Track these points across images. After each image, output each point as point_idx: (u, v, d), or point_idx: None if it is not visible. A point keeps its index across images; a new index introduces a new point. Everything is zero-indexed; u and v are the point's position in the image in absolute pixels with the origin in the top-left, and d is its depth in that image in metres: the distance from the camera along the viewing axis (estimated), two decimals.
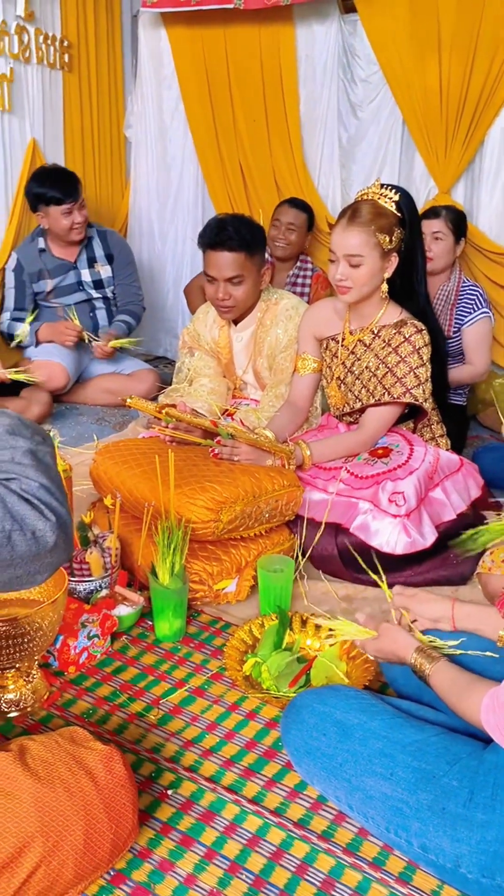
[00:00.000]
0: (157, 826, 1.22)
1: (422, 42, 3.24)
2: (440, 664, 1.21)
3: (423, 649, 1.25)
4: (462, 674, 1.17)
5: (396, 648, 1.29)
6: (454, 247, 2.85)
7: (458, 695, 1.14)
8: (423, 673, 1.23)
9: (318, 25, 3.54)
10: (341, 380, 2.21)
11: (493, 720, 1.05)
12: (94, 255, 3.36)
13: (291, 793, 1.31)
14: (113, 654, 1.66)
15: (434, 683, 1.21)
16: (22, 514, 0.91)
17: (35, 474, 0.96)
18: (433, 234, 2.79)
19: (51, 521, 0.93)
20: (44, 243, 3.28)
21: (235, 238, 2.24)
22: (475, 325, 2.84)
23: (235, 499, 1.83)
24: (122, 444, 2.15)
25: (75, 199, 3.12)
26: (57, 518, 0.94)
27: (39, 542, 0.93)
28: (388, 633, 1.32)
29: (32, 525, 0.92)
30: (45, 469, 0.98)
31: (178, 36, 3.82)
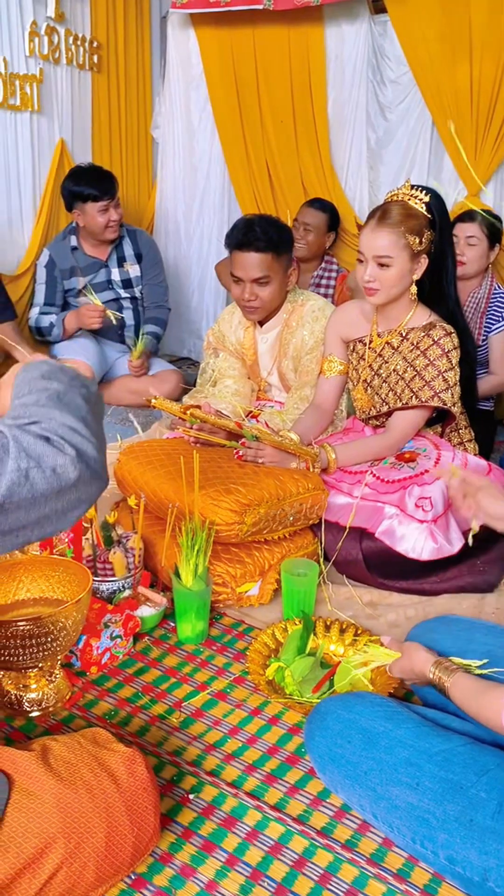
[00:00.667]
0: (178, 830, 1.21)
1: (453, 43, 3.21)
2: (458, 675, 1.20)
3: (440, 663, 1.24)
4: (480, 682, 1.16)
5: (414, 665, 1.28)
6: (488, 252, 2.80)
7: (478, 702, 1.12)
8: (442, 686, 1.22)
9: (348, 26, 3.52)
10: (368, 382, 2.18)
11: None
12: (124, 255, 3.37)
13: (314, 800, 1.29)
14: (135, 656, 1.66)
15: (454, 695, 1.20)
16: (39, 452, 0.89)
17: (59, 415, 0.94)
18: (467, 239, 2.75)
19: (69, 455, 0.91)
20: (76, 241, 3.29)
21: (263, 239, 2.23)
22: (501, 333, 2.80)
23: (260, 501, 1.81)
24: (146, 444, 2.15)
25: (112, 196, 3.14)
26: (77, 452, 0.92)
27: (61, 478, 0.90)
28: (407, 652, 1.32)
29: (52, 461, 0.90)
30: (74, 409, 0.96)
31: (206, 37, 3.82)
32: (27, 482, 0.88)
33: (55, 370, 1.02)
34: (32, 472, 0.89)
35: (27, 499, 0.89)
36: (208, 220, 4.12)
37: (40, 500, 0.90)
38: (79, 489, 0.93)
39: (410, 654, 1.31)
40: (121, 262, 3.37)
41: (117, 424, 3.13)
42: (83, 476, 0.92)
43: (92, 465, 0.94)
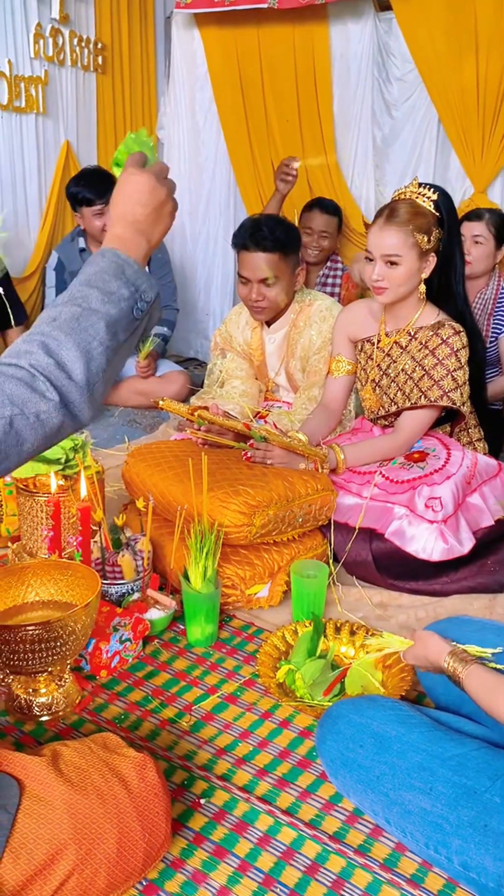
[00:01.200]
0: (189, 836, 1.20)
1: (459, 40, 3.19)
2: (473, 667, 1.18)
3: (455, 653, 1.22)
4: (496, 676, 1.14)
5: (429, 654, 1.26)
6: (495, 252, 2.77)
7: (492, 697, 1.11)
8: (456, 677, 1.19)
9: (353, 24, 3.51)
10: (376, 382, 2.17)
11: None
12: None
13: (327, 804, 1.28)
14: (145, 659, 1.65)
15: (468, 687, 1.17)
16: (23, 399, 0.87)
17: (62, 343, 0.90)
18: (473, 238, 2.73)
19: (53, 400, 0.88)
20: (84, 243, 3.30)
21: (270, 239, 2.22)
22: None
23: (268, 503, 1.81)
24: (153, 446, 2.14)
25: (106, 201, 3.13)
26: (60, 398, 0.89)
27: (45, 425, 0.89)
28: (421, 640, 1.29)
29: (35, 407, 0.88)
30: (85, 336, 0.92)
31: (211, 36, 3.81)
32: (12, 430, 0.87)
33: (104, 272, 0.97)
34: (17, 419, 0.87)
35: (14, 447, 0.88)
36: (214, 220, 4.12)
37: (27, 447, 0.89)
38: (62, 433, 0.92)
39: (426, 642, 1.28)
40: None
41: (124, 426, 3.13)
42: (66, 423, 0.91)
43: (74, 411, 0.92)
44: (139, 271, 1.00)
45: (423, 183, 1.98)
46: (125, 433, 2.99)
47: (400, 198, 1.98)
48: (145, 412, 3.29)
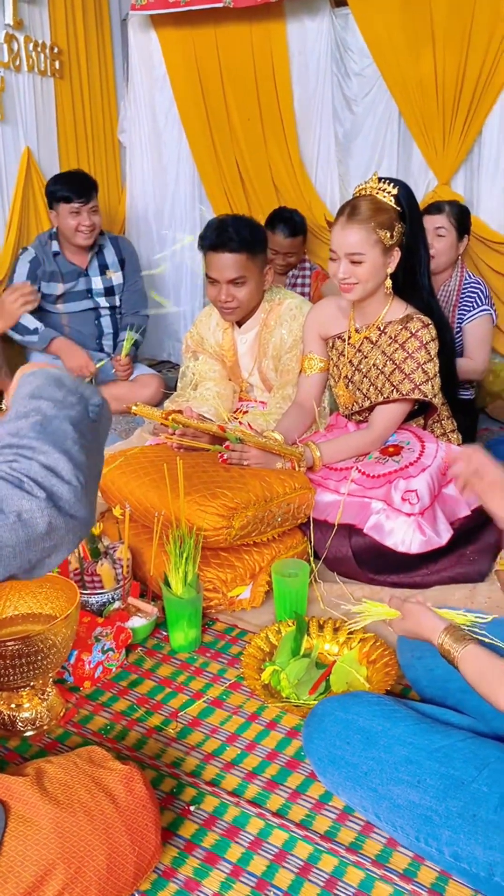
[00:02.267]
0: (180, 844, 1.20)
1: (415, 34, 3.20)
2: (469, 648, 1.15)
3: (450, 630, 1.19)
4: (493, 659, 1.12)
5: (421, 630, 1.24)
6: (457, 244, 2.78)
7: (491, 683, 1.10)
8: (450, 657, 1.18)
9: (310, 21, 3.51)
10: (349, 378, 2.18)
11: None
12: (106, 262, 3.34)
13: (317, 804, 1.28)
14: (128, 667, 1.64)
15: (463, 668, 1.16)
16: (2, 496, 0.80)
17: (38, 448, 0.85)
18: (435, 231, 2.74)
19: (38, 497, 0.81)
20: (57, 247, 3.26)
21: (236, 239, 2.21)
22: (475, 321, 2.79)
23: (247, 504, 1.80)
24: (129, 452, 2.13)
25: (85, 200, 3.10)
26: (48, 495, 0.82)
27: (28, 526, 0.81)
28: (412, 615, 1.27)
29: (16, 506, 0.80)
30: (58, 438, 0.87)
31: (168, 37, 3.79)
32: None
33: (46, 385, 0.94)
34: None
35: None
36: (180, 221, 4.10)
37: (5, 552, 0.81)
38: (53, 536, 0.84)
39: (418, 617, 1.25)
40: (103, 270, 3.34)
41: None
42: (55, 523, 0.83)
43: (66, 510, 0.84)
44: (77, 380, 0.98)
45: (382, 178, 1.98)
46: None
47: (360, 194, 1.98)
48: (119, 417, 3.26)
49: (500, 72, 3.10)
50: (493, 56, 3.08)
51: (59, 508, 0.84)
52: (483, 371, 2.85)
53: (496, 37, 3.05)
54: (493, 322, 2.82)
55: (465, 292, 2.81)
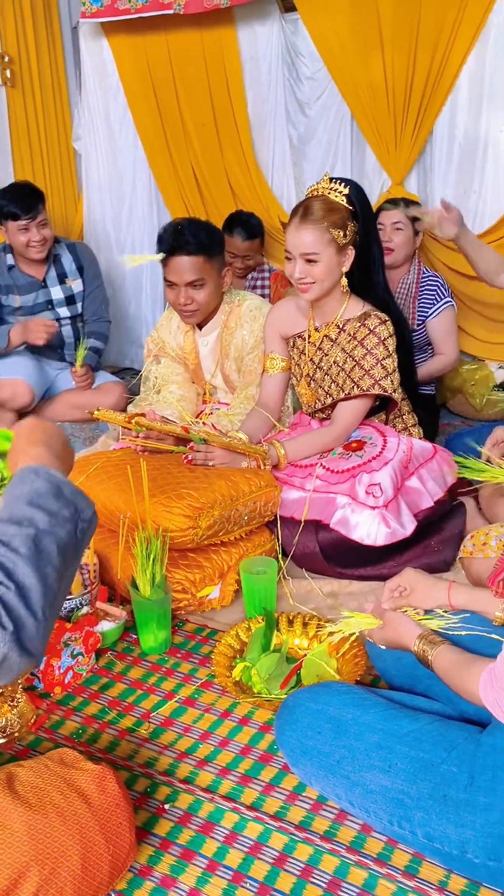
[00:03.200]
0: (155, 842, 1.20)
1: (364, 37, 3.25)
2: (442, 648, 1.21)
3: (424, 636, 1.25)
4: (462, 655, 1.17)
5: (399, 637, 1.29)
6: (413, 238, 2.86)
7: (459, 675, 1.14)
8: (426, 659, 1.22)
9: (260, 26, 3.54)
10: (310, 377, 2.20)
11: (490, 695, 1.05)
12: (65, 271, 3.31)
13: (290, 795, 1.29)
14: (99, 672, 1.63)
15: (437, 667, 1.21)
16: None
17: (20, 568, 0.84)
18: (393, 225, 2.79)
19: (7, 629, 0.81)
20: (12, 260, 3.23)
21: (193, 242, 2.22)
22: (440, 315, 2.85)
23: (213, 503, 1.81)
24: (92, 457, 2.12)
25: (33, 216, 3.07)
26: (15, 628, 0.82)
27: None
28: (391, 623, 1.32)
29: None
30: (43, 561, 0.87)
31: (120, 45, 3.79)
32: None
33: (46, 493, 0.92)
34: None
35: None
36: (138, 227, 4.10)
37: None
38: (4, 668, 0.83)
39: (396, 625, 1.31)
40: (62, 279, 3.31)
41: None
42: (11, 656, 0.82)
43: (25, 644, 0.84)
44: (75, 490, 0.96)
45: (334, 178, 2.01)
46: None
47: (313, 195, 2.01)
48: (83, 425, 3.24)
49: (447, 73, 3.17)
50: (440, 58, 3.14)
51: (20, 642, 0.83)
52: (455, 361, 2.90)
53: (442, 39, 3.11)
54: (455, 311, 2.90)
55: (424, 286, 2.87)
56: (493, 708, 1.05)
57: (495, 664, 1.06)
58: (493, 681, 1.05)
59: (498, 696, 1.03)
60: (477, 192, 3.30)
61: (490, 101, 3.15)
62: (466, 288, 3.36)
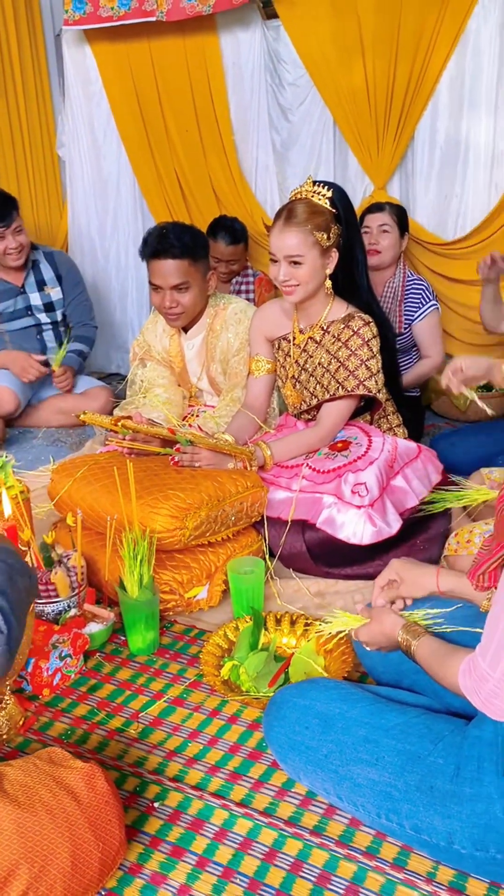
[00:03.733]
0: (145, 840, 1.20)
1: (345, 43, 3.28)
2: (424, 639, 1.22)
3: (407, 627, 1.26)
4: (444, 645, 1.18)
5: (384, 629, 1.30)
6: (399, 240, 2.89)
7: (440, 663, 1.14)
8: (409, 650, 1.23)
9: (242, 33, 3.57)
10: (296, 378, 2.21)
11: (469, 683, 1.06)
12: (43, 278, 3.31)
13: (279, 791, 1.29)
14: (87, 673, 1.63)
15: (419, 656, 1.21)
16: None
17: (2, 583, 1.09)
18: (380, 227, 2.83)
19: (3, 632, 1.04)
20: None
21: (178, 245, 2.23)
22: (425, 318, 2.89)
23: (200, 504, 1.81)
24: (79, 460, 2.12)
25: (6, 224, 3.07)
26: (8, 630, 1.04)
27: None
28: (376, 617, 1.33)
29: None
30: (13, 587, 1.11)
31: (103, 52, 3.81)
32: None
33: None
34: None
35: None
36: (123, 233, 4.11)
37: None
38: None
39: (381, 618, 1.31)
40: (40, 287, 3.32)
41: (49, 446, 3.08)
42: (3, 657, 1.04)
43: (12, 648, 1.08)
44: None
45: (317, 181, 2.03)
46: (50, 453, 2.94)
47: (296, 198, 2.03)
48: (69, 430, 3.24)
49: (428, 79, 3.20)
50: (420, 64, 3.18)
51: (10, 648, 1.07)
52: (442, 363, 2.93)
53: (422, 46, 3.15)
54: (440, 314, 2.96)
55: (410, 289, 2.90)
56: (471, 695, 1.06)
57: (475, 653, 1.07)
58: (471, 669, 1.06)
59: (476, 685, 1.04)
60: (458, 196, 3.34)
61: (470, 106, 3.19)
62: (450, 291, 3.40)
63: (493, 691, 1.02)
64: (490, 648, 1.02)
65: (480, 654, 1.05)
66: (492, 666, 1.02)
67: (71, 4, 3.63)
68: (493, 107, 3.15)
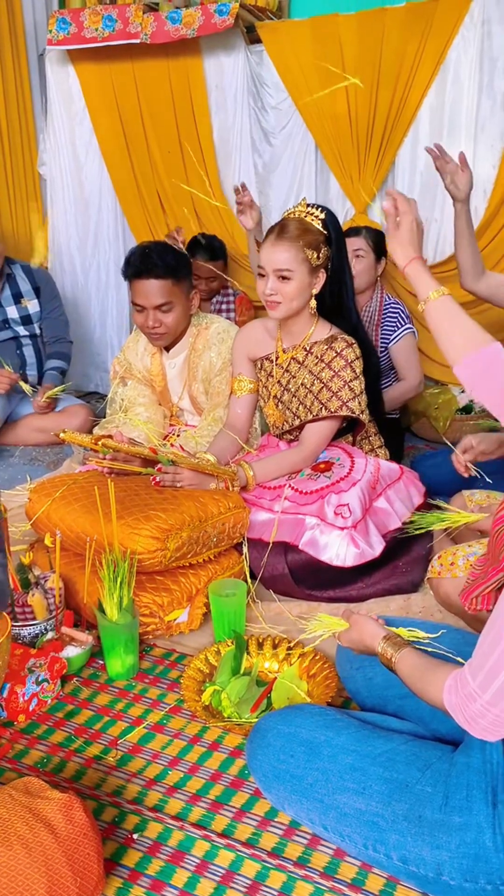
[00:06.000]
0: (124, 874, 1.16)
1: (327, 70, 3.32)
2: (405, 651, 1.19)
3: (389, 637, 1.23)
4: (426, 659, 1.15)
5: (364, 637, 1.27)
6: (375, 265, 2.90)
7: (422, 678, 1.12)
8: (389, 661, 1.20)
9: (226, 57, 3.60)
10: (278, 398, 2.20)
11: (454, 700, 1.03)
12: (20, 290, 3.30)
13: (262, 821, 1.26)
14: (64, 698, 1.59)
15: (400, 670, 1.18)
16: None
17: None
18: (354, 252, 2.84)
19: None
20: None
21: (161, 265, 2.22)
22: (401, 341, 2.91)
23: (181, 525, 1.79)
24: (58, 479, 2.09)
25: None
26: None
27: None
28: (356, 624, 1.30)
29: None
30: None
31: (86, 72, 3.82)
32: None
33: None
34: None
35: None
36: (104, 252, 4.10)
37: None
38: None
39: (360, 626, 1.28)
40: (17, 299, 3.30)
41: (26, 465, 3.04)
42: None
43: None
44: None
45: (310, 203, 2.06)
46: (27, 472, 2.90)
47: (289, 216, 2.04)
48: (47, 449, 3.20)
49: (409, 106, 3.25)
50: (401, 91, 3.23)
51: None
52: (419, 385, 2.94)
53: (403, 73, 3.20)
54: (416, 338, 2.97)
55: (387, 313, 2.92)
56: (455, 712, 1.03)
57: (461, 670, 1.05)
58: (458, 687, 1.04)
59: (462, 702, 1.02)
60: (438, 220, 3.38)
61: (450, 133, 3.24)
62: None
63: (479, 711, 1.00)
64: (483, 669, 1.00)
65: (470, 672, 1.02)
66: (482, 687, 1.00)
67: (55, 24, 3.64)
68: (472, 134, 3.21)
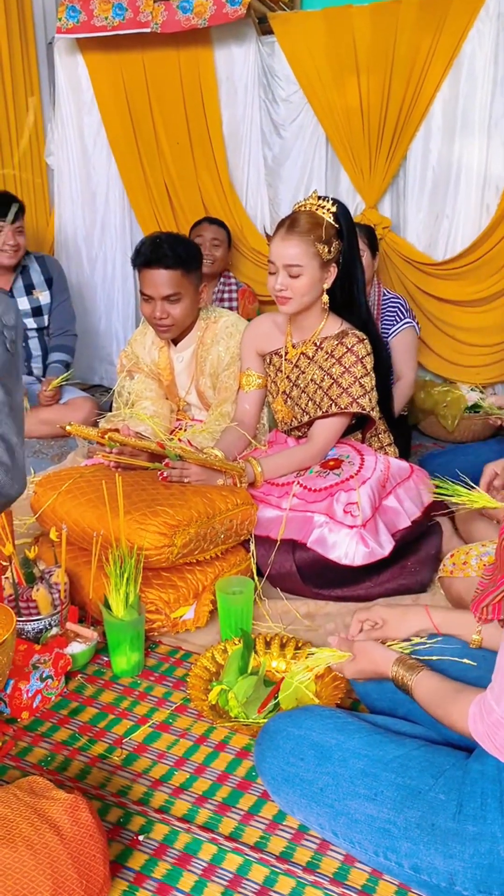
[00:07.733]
0: (130, 876, 1.14)
1: (339, 61, 3.29)
2: (422, 675, 1.17)
3: (402, 661, 1.21)
4: (445, 682, 1.13)
5: (376, 666, 1.25)
6: (371, 262, 2.88)
7: (442, 705, 1.10)
8: (405, 686, 1.19)
9: (237, 47, 3.56)
10: (287, 394, 2.18)
11: (481, 728, 1.01)
12: (32, 282, 3.29)
13: (270, 825, 1.24)
14: (69, 695, 1.57)
15: (417, 695, 1.17)
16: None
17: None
18: None
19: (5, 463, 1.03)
20: None
21: (171, 255, 2.19)
22: (400, 334, 2.89)
23: (189, 521, 1.76)
24: (64, 472, 2.06)
25: (5, 217, 3.06)
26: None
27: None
28: (363, 653, 1.28)
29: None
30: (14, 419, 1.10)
31: (95, 61, 3.78)
32: None
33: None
34: None
35: None
36: (110, 243, 4.06)
37: None
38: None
39: (368, 654, 1.26)
40: (29, 290, 3.28)
41: (30, 457, 3.01)
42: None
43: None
44: None
45: (322, 196, 2.02)
46: (31, 465, 2.87)
47: (300, 209, 2.00)
48: (51, 442, 3.18)
49: (421, 100, 3.21)
50: (414, 85, 3.19)
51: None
52: (413, 382, 2.93)
53: (417, 67, 3.16)
54: (416, 333, 2.95)
55: (386, 307, 2.90)
56: (485, 742, 1.01)
57: (484, 696, 1.03)
58: (483, 714, 1.01)
59: (490, 730, 1.00)
60: (449, 217, 3.34)
61: (463, 128, 3.20)
62: (439, 311, 3.40)
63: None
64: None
65: (493, 698, 0.99)
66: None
67: (64, 12, 3.61)
68: (485, 130, 3.17)
